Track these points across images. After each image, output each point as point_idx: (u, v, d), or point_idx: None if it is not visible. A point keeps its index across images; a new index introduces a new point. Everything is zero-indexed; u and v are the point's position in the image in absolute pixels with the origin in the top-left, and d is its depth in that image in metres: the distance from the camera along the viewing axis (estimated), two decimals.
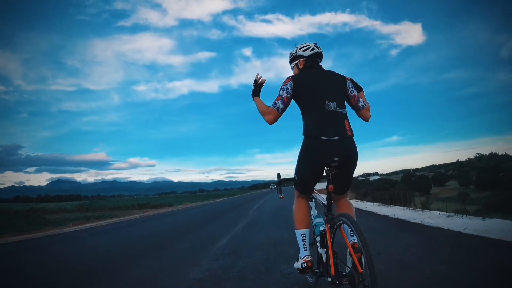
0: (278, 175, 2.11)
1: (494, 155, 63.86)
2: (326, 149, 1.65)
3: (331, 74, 1.85)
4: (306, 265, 1.79)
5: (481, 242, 3.30)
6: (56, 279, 3.25)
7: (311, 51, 1.88)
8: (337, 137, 1.66)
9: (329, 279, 1.56)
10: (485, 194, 36.36)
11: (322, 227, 1.79)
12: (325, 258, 1.70)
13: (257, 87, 1.96)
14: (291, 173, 1.92)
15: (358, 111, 1.91)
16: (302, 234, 1.86)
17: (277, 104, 1.78)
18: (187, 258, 3.72)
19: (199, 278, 2.74)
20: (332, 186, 1.70)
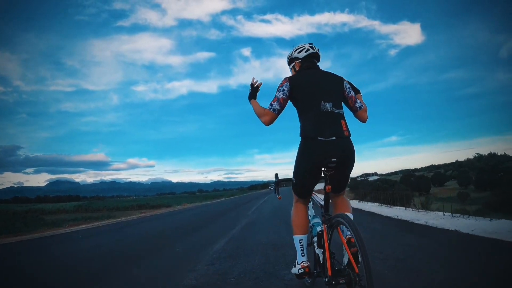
0: (276, 175, 2.10)
1: (493, 155, 63.88)
2: (323, 150, 1.64)
3: (328, 74, 1.85)
4: (303, 270, 1.79)
5: (492, 244, 3.16)
6: (40, 284, 3.07)
7: (305, 52, 1.89)
8: (334, 138, 1.65)
9: (325, 280, 1.56)
10: (484, 194, 36.40)
11: (319, 228, 1.80)
12: (322, 258, 1.70)
13: (253, 90, 1.99)
14: (290, 174, 1.89)
15: (355, 112, 1.90)
16: (300, 239, 1.86)
17: (273, 105, 1.79)
18: (181, 262, 3.53)
19: (193, 285, 2.56)
20: (329, 186, 1.68)
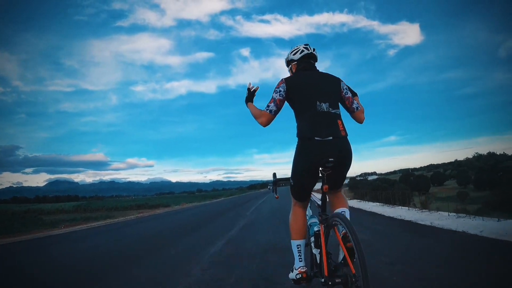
0: (274, 174, 2.08)
1: (492, 155, 63.85)
2: (320, 150, 1.63)
3: (325, 75, 1.85)
4: (301, 276, 1.77)
5: (505, 246, 2.99)
6: None
7: (300, 53, 1.89)
8: (330, 138, 1.64)
9: (322, 280, 1.55)
10: (484, 193, 36.29)
11: (316, 228, 1.79)
12: (319, 258, 1.69)
13: (250, 94, 1.99)
14: (288, 173, 1.86)
15: (352, 113, 1.89)
16: (297, 244, 1.83)
17: (270, 106, 1.78)
18: (176, 266, 3.35)
19: None
20: (326, 186, 1.66)
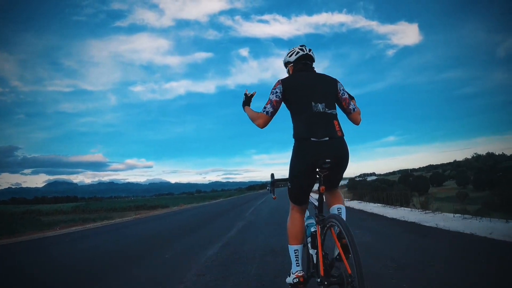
0: (272, 175, 2.07)
1: (491, 155, 63.85)
2: (316, 151, 1.62)
3: (321, 76, 1.85)
4: (298, 280, 1.77)
5: None
6: None
7: (296, 55, 1.90)
8: (327, 138, 1.63)
9: (318, 280, 1.56)
10: (483, 194, 36.17)
11: (313, 228, 1.80)
12: (315, 259, 1.69)
13: (247, 98, 2.00)
14: (287, 174, 1.84)
15: (349, 114, 1.89)
16: (295, 249, 1.83)
17: (267, 108, 1.78)
18: (169, 271, 3.15)
19: None
20: (323, 187, 1.67)
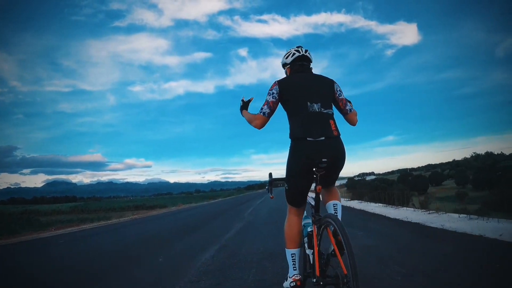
0: (269, 174, 2.07)
1: (490, 154, 63.80)
2: (313, 151, 1.62)
3: (318, 77, 1.85)
4: (295, 283, 1.77)
5: None
6: None
7: (292, 56, 1.92)
8: (323, 138, 1.64)
9: (313, 280, 1.56)
10: (483, 193, 36.08)
11: (310, 228, 1.80)
12: (312, 259, 1.68)
13: (244, 103, 2.01)
14: (285, 174, 1.82)
15: (345, 115, 1.90)
16: (292, 253, 1.82)
17: (263, 109, 1.80)
18: (162, 277, 2.96)
19: None
20: (320, 187, 1.66)
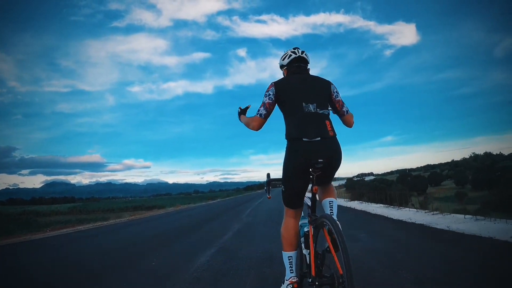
0: (267, 175, 2.06)
1: (489, 155, 63.89)
2: (309, 151, 1.62)
3: (314, 78, 1.85)
4: (292, 286, 1.76)
5: None
6: None
7: (288, 58, 1.91)
8: (319, 138, 1.63)
9: (309, 280, 1.56)
10: (482, 193, 36.06)
11: (306, 228, 1.80)
12: (308, 259, 1.68)
13: (242, 110, 2.01)
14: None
15: (342, 116, 1.90)
16: (289, 256, 1.81)
17: (260, 110, 1.79)
18: (154, 282, 2.77)
19: None
20: (316, 187, 1.67)
